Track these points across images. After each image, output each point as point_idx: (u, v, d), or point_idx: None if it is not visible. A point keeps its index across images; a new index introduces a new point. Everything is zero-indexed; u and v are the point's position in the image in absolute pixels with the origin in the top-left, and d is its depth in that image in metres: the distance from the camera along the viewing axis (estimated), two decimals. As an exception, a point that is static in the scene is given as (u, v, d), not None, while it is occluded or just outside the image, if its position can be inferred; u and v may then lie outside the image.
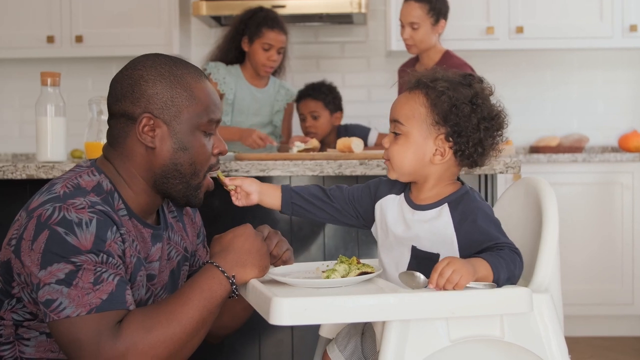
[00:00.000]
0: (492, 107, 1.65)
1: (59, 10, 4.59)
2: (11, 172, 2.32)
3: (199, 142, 1.69)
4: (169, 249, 1.80)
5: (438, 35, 3.49)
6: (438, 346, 1.45)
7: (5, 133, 5.02)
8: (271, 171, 2.30)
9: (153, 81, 1.66)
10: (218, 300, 1.58)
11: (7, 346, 1.63)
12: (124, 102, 1.67)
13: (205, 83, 1.72)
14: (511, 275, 1.51)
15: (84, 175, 1.65)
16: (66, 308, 1.47)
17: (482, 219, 1.58)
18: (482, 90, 1.65)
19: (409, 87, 1.68)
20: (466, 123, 1.61)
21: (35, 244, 1.51)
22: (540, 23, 4.50)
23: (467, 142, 1.62)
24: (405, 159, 1.64)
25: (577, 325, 4.21)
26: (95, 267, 1.51)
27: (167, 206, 1.84)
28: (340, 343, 1.71)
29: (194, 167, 1.69)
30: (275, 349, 2.51)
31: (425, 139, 1.63)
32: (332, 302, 1.39)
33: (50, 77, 2.59)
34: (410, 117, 1.64)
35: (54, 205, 1.54)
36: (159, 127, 1.66)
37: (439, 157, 1.63)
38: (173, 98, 1.66)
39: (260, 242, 1.66)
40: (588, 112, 4.84)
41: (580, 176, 4.24)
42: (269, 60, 3.56)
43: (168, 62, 1.70)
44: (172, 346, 1.50)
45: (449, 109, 1.60)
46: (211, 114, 1.70)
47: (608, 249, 4.21)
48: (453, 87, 1.62)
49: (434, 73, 1.67)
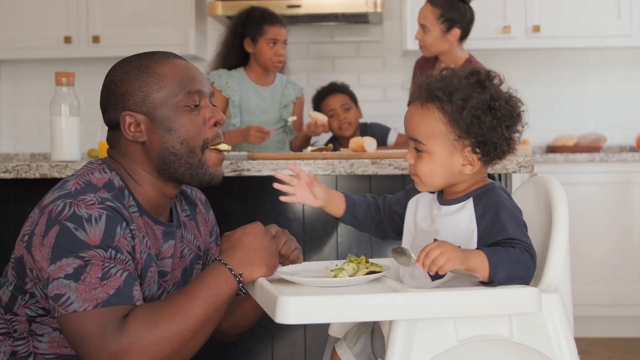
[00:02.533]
0: (509, 101, 1.61)
1: (76, 10, 4.62)
2: (25, 171, 2.33)
3: (184, 119, 1.68)
4: (181, 247, 1.80)
5: (458, 43, 3.41)
6: (445, 346, 1.44)
7: (23, 133, 5.07)
8: (283, 171, 2.29)
9: (120, 80, 1.70)
10: (224, 298, 1.58)
11: (21, 341, 1.65)
12: (108, 111, 1.73)
13: (174, 62, 1.72)
14: (514, 275, 1.48)
15: (95, 172, 1.67)
16: (73, 302, 1.49)
17: (503, 213, 1.56)
18: (496, 88, 1.61)
19: (421, 99, 1.63)
20: (490, 132, 1.58)
21: (45, 239, 1.53)
22: (557, 22, 4.47)
23: (494, 148, 1.60)
24: (434, 175, 1.62)
25: (594, 326, 4.18)
26: (104, 262, 1.52)
27: (180, 205, 1.85)
28: (349, 341, 1.71)
29: (186, 144, 1.69)
30: (288, 349, 2.51)
31: (450, 154, 1.61)
32: (339, 301, 1.39)
33: (65, 77, 2.60)
34: (430, 135, 1.60)
35: (65, 201, 1.56)
36: (141, 121, 1.68)
37: (469, 167, 1.61)
38: (141, 88, 1.68)
39: (269, 241, 1.65)
40: (606, 111, 4.80)
41: (597, 176, 4.20)
42: (277, 55, 3.59)
43: (132, 58, 1.73)
44: (176, 342, 1.50)
45: (470, 123, 1.57)
46: (187, 87, 1.69)
47: (626, 250, 4.17)
48: (468, 97, 1.57)
49: (444, 81, 1.61)
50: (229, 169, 2.28)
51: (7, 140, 5.10)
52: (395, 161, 2.27)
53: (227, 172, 2.28)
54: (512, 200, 1.61)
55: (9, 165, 2.34)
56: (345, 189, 2.47)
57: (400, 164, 2.26)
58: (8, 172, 2.34)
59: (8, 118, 5.09)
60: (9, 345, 1.65)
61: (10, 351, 1.64)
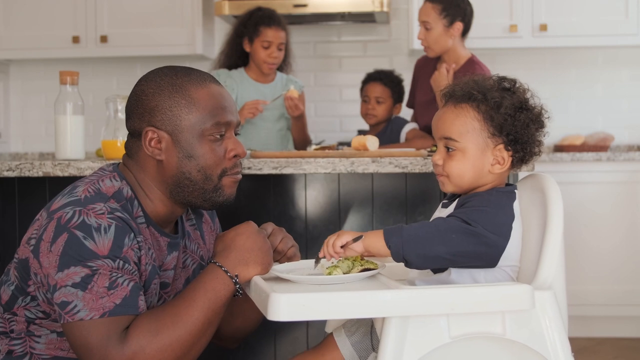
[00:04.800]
0: (536, 105, 1.68)
1: (84, 10, 4.64)
2: (28, 169, 2.35)
3: (206, 148, 1.67)
4: (184, 257, 1.81)
5: (460, 39, 3.41)
6: (438, 343, 1.44)
7: (32, 133, 5.11)
8: (284, 169, 2.30)
9: (152, 94, 1.67)
10: (222, 300, 1.58)
11: (18, 341, 1.66)
12: (132, 118, 1.70)
13: (209, 87, 1.69)
14: (421, 242, 1.50)
15: (106, 180, 1.66)
16: (80, 311, 1.49)
17: (478, 200, 1.60)
18: (524, 93, 1.68)
19: (454, 100, 1.68)
20: (523, 130, 1.64)
21: (54, 246, 1.53)
22: (564, 20, 4.45)
23: (525, 148, 1.65)
24: (465, 173, 1.65)
25: (602, 326, 4.17)
26: (111, 272, 1.52)
27: (186, 214, 1.85)
28: (348, 329, 1.72)
29: (203, 173, 1.67)
30: (290, 347, 2.52)
31: (483, 152, 1.65)
32: (330, 298, 1.39)
33: (69, 76, 2.62)
34: (464, 132, 1.64)
35: (74, 209, 1.56)
36: (164, 139, 1.66)
37: (498, 165, 1.65)
38: (172, 108, 1.66)
39: (262, 240, 1.65)
40: (613, 110, 4.78)
41: (604, 175, 4.18)
42: (270, 57, 3.61)
43: (169, 72, 1.70)
44: (178, 348, 1.51)
45: (504, 120, 1.62)
46: (217, 117, 1.67)
47: (633, 249, 4.15)
48: (503, 97, 1.64)
49: (477, 84, 1.67)
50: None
51: (16, 140, 5.13)
52: (396, 159, 2.27)
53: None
54: (504, 201, 1.62)
55: (12, 164, 2.36)
56: (348, 188, 2.47)
57: (401, 162, 2.27)
58: (12, 171, 2.36)
59: (17, 118, 5.12)
60: (6, 344, 1.66)
61: (7, 350, 1.65)
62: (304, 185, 2.49)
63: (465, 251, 1.51)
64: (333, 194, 2.49)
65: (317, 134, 4.74)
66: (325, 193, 2.49)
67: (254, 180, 2.47)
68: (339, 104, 4.91)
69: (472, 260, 1.54)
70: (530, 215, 1.65)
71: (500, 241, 1.55)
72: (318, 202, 2.49)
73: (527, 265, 1.61)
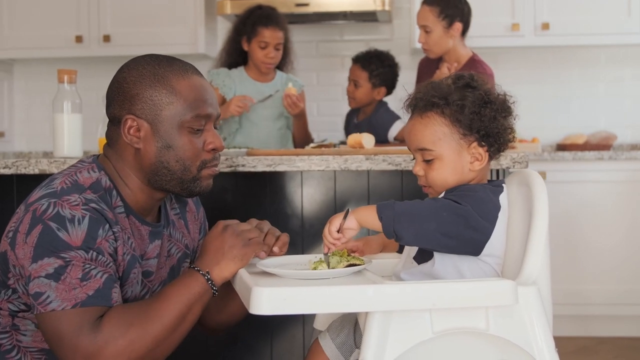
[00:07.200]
0: (498, 95, 1.70)
1: (86, 10, 4.67)
2: (24, 167, 2.37)
3: (185, 140, 1.67)
4: (169, 245, 1.82)
5: (460, 38, 3.41)
6: (421, 338, 1.44)
7: (35, 132, 5.13)
8: (278, 166, 2.31)
9: (134, 82, 1.68)
10: (195, 297, 1.60)
11: (4, 335, 1.67)
12: (112, 106, 1.71)
13: (191, 78, 1.70)
14: (413, 217, 1.54)
15: (83, 171, 1.67)
16: (52, 301, 1.51)
17: (466, 188, 1.62)
18: (485, 85, 1.69)
19: (418, 111, 1.70)
20: (491, 123, 1.65)
21: (28, 237, 1.55)
22: (566, 19, 4.44)
23: (497, 139, 1.66)
24: (447, 178, 1.67)
25: (603, 325, 4.16)
26: (84, 263, 1.53)
27: (170, 203, 1.86)
28: (333, 332, 1.72)
29: (181, 163, 1.68)
30: (287, 344, 2.52)
31: (459, 154, 1.66)
32: (312, 293, 1.40)
33: (67, 75, 2.64)
34: (436, 140, 1.66)
35: (50, 200, 1.57)
36: (143, 128, 1.67)
37: (477, 162, 1.67)
38: (152, 97, 1.66)
39: (229, 236, 1.66)
40: (616, 109, 4.77)
41: (606, 174, 4.17)
42: (267, 57, 3.61)
43: (152, 61, 1.70)
44: (150, 342, 1.53)
45: (471, 120, 1.64)
46: (197, 109, 1.68)
47: (635, 249, 4.14)
48: (463, 96, 1.65)
49: (434, 90, 1.68)
50: (224, 165, 2.30)
51: (20, 139, 5.16)
52: (389, 157, 2.28)
53: (223, 168, 2.30)
54: (492, 195, 1.63)
55: (8, 161, 2.38)
56: (343, 186, 2.48)
57: (394, 159, 2.27)
58: (8, 168, 2.37)
59: (21, 117, 5.15)
60: None
61: None
62: (300, 182, 2.49)
63: (454, 233, 1.54)
64: (329, 192, 2.49)
65: (320, 133, 4.74)
66: (322, 191, 2.49)
67: (250, 178, 2.47)
68: (341, 103, 4.90)
69: (459, 244, 1.55)
70: (516, 211, 1.65)
71: (487, 227, 1.57)
72: (314, 200, 2.49)
73: (512, 260, 1.61)
